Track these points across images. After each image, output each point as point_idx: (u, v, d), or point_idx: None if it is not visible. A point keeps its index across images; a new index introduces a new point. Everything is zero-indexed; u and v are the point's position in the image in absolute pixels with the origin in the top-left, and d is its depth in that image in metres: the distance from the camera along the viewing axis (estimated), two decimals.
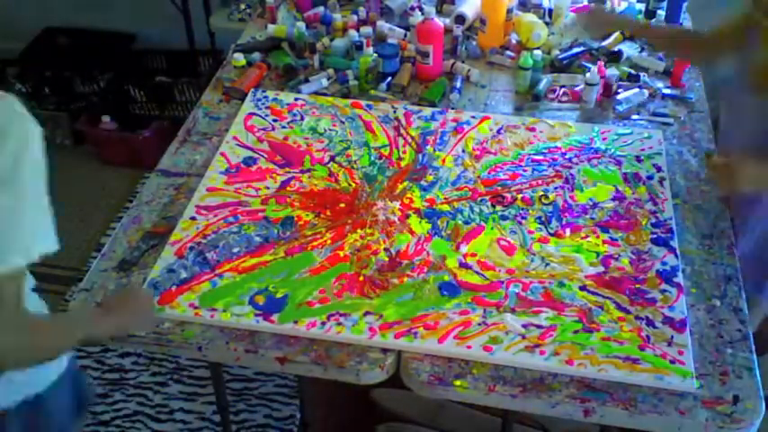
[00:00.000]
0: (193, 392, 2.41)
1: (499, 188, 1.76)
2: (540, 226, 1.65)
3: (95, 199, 3.14)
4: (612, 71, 2.09)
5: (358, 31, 2.29)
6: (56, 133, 3.42)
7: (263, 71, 2.15)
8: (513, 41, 2.29)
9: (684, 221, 1.68)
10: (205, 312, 1.45)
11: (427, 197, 1.73)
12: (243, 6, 3.21)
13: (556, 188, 1.75)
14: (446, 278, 1.53)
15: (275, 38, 2.28)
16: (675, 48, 2.03)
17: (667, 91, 2.09)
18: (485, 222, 1.66)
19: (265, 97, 2.05)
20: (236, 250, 1.58)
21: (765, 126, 1.64)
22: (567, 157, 1.85)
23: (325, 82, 2.10)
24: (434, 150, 1.87)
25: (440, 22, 2.11)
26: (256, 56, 2.22)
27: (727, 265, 1.57)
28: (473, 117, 1.98)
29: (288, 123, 1.96)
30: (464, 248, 1.59)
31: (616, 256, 1.58)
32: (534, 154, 1.86)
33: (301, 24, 2.24)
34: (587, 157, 1.85)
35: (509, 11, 2.27)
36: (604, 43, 2.24)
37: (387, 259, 1.57)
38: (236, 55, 2.15)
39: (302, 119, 1.97)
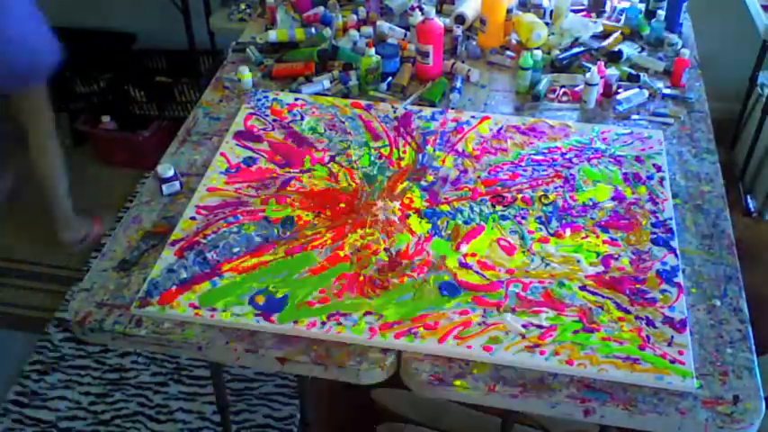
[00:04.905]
0: (193, 392, 2.41)
1: (499, 188, 1.76)
2: (540, 226, 1.65)
3: (95, 199, 3.15)
4: (612, 71, 2.10)
5: (358, 30, 2.29)
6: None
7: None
8: (513, 41, 2.29)
9: (684, 221, 1.68)
10: (205, 312, 1.45)
11: (427, 197, 1.73)
12: (243, 6, 3.21)
13: (556, 188, 1.76)
14: (446, 278, 1.53)
15: (283, 42, 2.26)
16: None
17: (667, 91, 2.09)
18: (485, 222, 1.66)
19: (265, 97, 2.05)
20: (236, 250, 1.59)
21: None
22: (567, 157, 1.85)
23: (327, 83, 2.10)
24: (434, 150, 1.87)
25: (440, 22, 2.11)
26: (260, 57, 2.21)
27: (727, 265, 1.57)
28: (473, 117, 1.98)
29: (288, 123, 1.96)
30: (464, 248, 1.59)
31: (616, 256, 1.58)
32: (534, 154, 1.86)
33: (327, 31, 2.24)
34: (587, 157, 1.85)
35: (509, 11, 2.27)
36: (604, 43, 2.24)
37: (387, 259, 1.57)
38: (241, 68, 2.11)
39: (302, 119, 1.97)
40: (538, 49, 2.16)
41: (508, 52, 2.25)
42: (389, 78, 2.12)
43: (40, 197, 2.67)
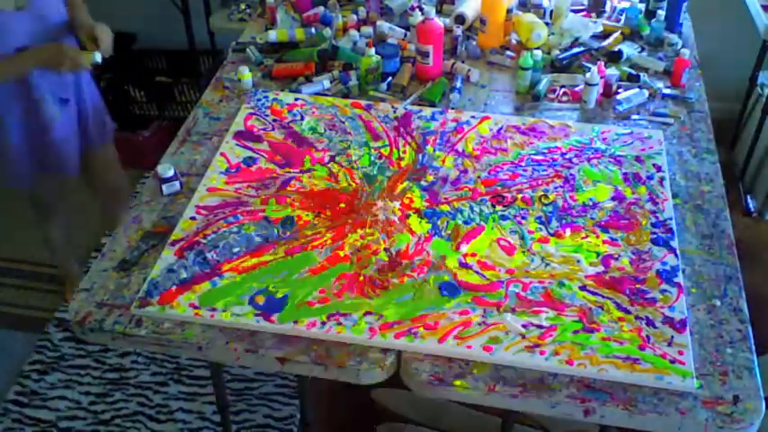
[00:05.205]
0: (193, 392, 2.41)
1: (499, 188, 1.76)
2: (540, 226, 1.65)
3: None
4: (612, 71, 2.10)
5: (358, 30, 2.29)
6: None
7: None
8: (513, 41, 2.29)
9: (684, 221, 1.68)
10: (205, 312, 1.45)
11: (427, 197, 1.73)
12: (243, 6, 3.21)
13: (556, 188, 1.75)
14: (446, 278, 1.53)
15: (283, 42, 2.26)
16: None
17: (667, 91, 2.09)
18: (485, 222, 1.66)
19: (265, 97, 2.05)
20: (236, 250, 1.59)
21: None
22: (567, 157, 1.85)
23: (327, 83, 2.10)
24: (434, 150, 1.87)
25: (440, 22, 2.11)
26: (260, 57, 2.21)
27: (727, 265, 1.57)
28: (473, 117, 1.98)
29: (288, 123, 1.96)
30: (464, 248, 1.59)
31: (616, 256, 1.58)
32: (534, 154, 1.86)
33: (327, 31, 2.24)
34: (587, 157, 1.85)
35: (509, 11, 2.27)
36: (604, 43, 2.24)
37: (387, 259, 1.57)
38: (241, 68, 2.11)
39: (302, 119, 1.97)
40: (538, 49, 2.16)
41: (508, 52, 2.25)
42: (389, 78, 2.12)
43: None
